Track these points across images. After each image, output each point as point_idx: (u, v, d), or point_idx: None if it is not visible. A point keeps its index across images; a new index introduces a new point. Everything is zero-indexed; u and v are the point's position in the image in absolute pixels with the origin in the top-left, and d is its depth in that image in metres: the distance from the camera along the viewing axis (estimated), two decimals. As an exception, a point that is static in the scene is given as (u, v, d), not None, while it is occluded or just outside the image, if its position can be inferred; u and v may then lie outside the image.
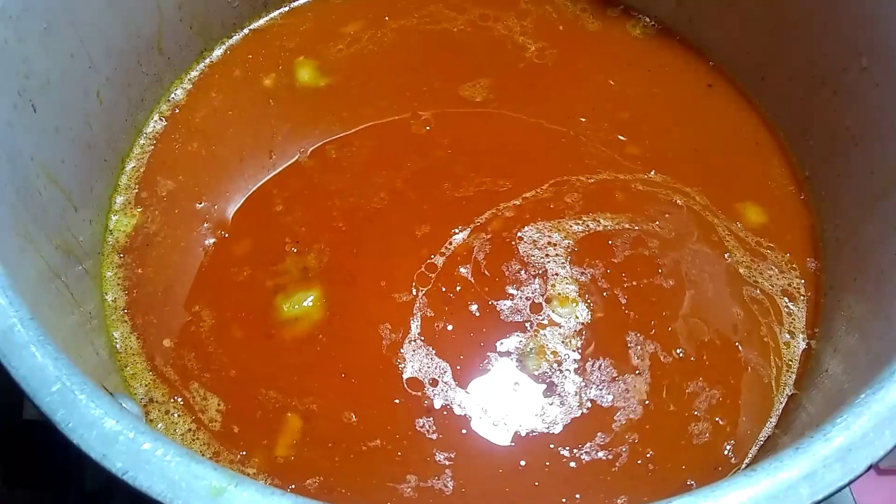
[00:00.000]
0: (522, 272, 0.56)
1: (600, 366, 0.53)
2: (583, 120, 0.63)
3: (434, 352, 0.52)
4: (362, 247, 0.56)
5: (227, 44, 0.67)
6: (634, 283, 0.56)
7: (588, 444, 0.50)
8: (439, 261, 0.55)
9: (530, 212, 0.58)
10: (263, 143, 0.61)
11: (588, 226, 0.58)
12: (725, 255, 0.58)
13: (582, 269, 0.56)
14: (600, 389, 0.52)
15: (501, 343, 0.53)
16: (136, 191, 0.59)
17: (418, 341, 0.53)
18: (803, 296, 0.56)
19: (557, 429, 0.51)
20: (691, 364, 0.53)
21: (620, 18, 0.69)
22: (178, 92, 0.64)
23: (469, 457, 0.50)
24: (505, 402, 0.51)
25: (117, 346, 0.53)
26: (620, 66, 0.66)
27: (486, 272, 0.55)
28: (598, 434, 0.50)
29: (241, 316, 0.54)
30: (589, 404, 0.52)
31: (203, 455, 0.46)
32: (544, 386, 0.52)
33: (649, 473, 0.49)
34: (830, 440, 0.34)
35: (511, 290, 0.55)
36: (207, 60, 0.66)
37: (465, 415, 0.51)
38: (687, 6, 0.66)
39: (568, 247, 0.57)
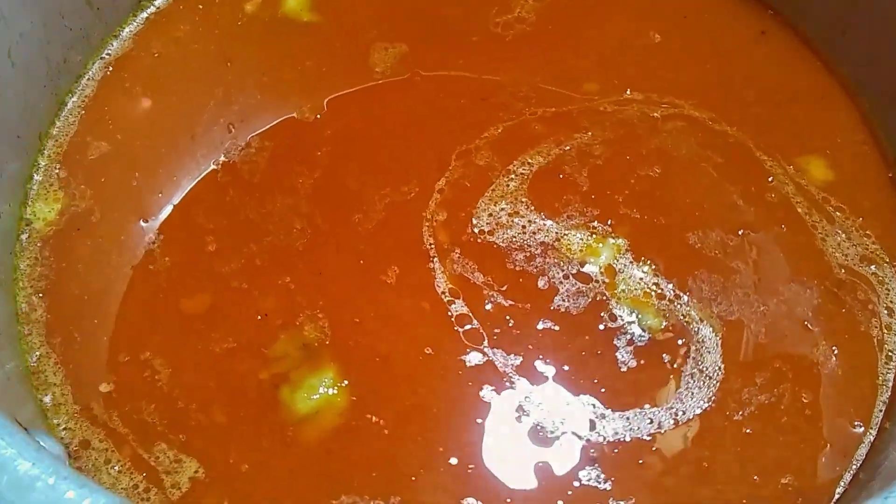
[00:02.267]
0: (529, 259, 0.48)
1: (698, 278, 0.48)
2: (498, 78, 0.54)
3: (566, 390, 0.46)
4: (356, 311, 0.47)
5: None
6: (627, 192, 0.50)
7: (747, 390, 0.46)
8: (460, 307, 0.47)
9: (458, 202, 0.50)
10: (212, 115, 0.53)
11: (520, 173, 0.51)
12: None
13: (567, 215, 0.50)
14: (720, 303, 0.48)
15: (610, 331, 0.47)
16: (59, 171, 0.52)
17: (540, 389, 0.45)
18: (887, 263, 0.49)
19: (720, 374, 0.46)
20: (763, 239, 0.49)
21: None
22: (111, 48, 0.55)
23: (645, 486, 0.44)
24: (665, 379, 0.46)
25: (32, 368, 0.46)
26: (622, 19, 0.56)
27: (505, 287, 0.47)
28: (757, 373, 0.46)
29: (226, 399, 0.45)
30: (721, 325, 0.47)
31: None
32: (680, 335, 0.47)
33: (808, 416, 0.45)
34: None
35: (543, 284, 0.47)
36: (150, 10, 0.56)
37: (635, 436, 0.45)
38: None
39: (527, 204, 0.50)
